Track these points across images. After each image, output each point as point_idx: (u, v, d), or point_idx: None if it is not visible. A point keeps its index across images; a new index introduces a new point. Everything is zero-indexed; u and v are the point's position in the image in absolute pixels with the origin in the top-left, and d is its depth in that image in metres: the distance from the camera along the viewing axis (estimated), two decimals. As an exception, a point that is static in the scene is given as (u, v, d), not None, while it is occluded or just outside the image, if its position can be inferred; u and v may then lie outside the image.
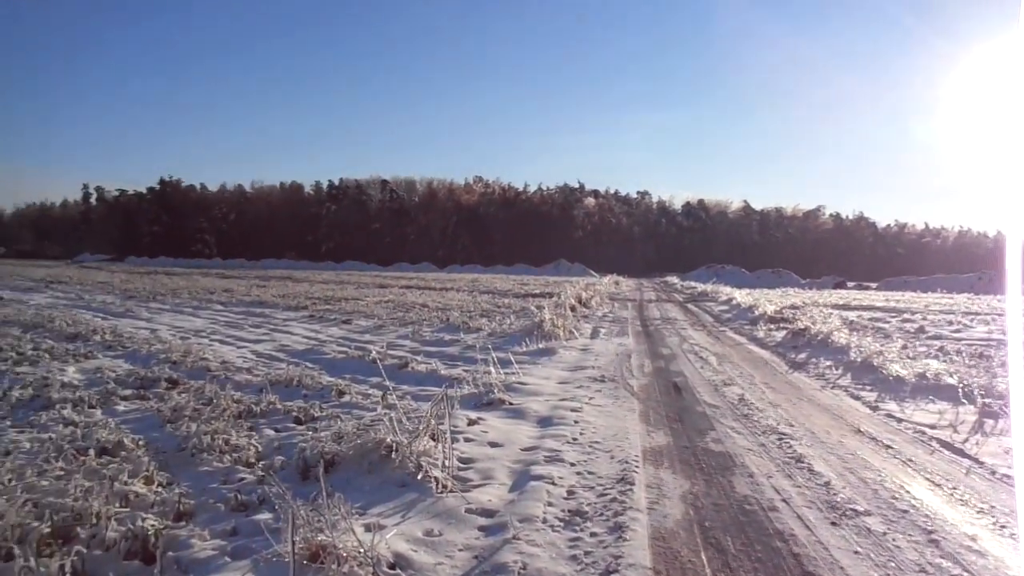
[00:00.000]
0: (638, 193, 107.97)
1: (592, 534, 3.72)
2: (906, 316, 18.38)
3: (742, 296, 23.84)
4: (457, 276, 55.07)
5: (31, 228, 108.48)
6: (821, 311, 17.21)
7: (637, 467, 4.91)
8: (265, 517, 3.78)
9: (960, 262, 76.83)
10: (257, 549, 3.38)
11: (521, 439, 5.61)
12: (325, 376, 8.16)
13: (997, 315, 19.48)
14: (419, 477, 4.34)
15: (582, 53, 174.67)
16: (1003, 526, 3.88)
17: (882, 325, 15.34)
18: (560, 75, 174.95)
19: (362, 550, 3.21)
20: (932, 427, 6.23)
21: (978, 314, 19.73)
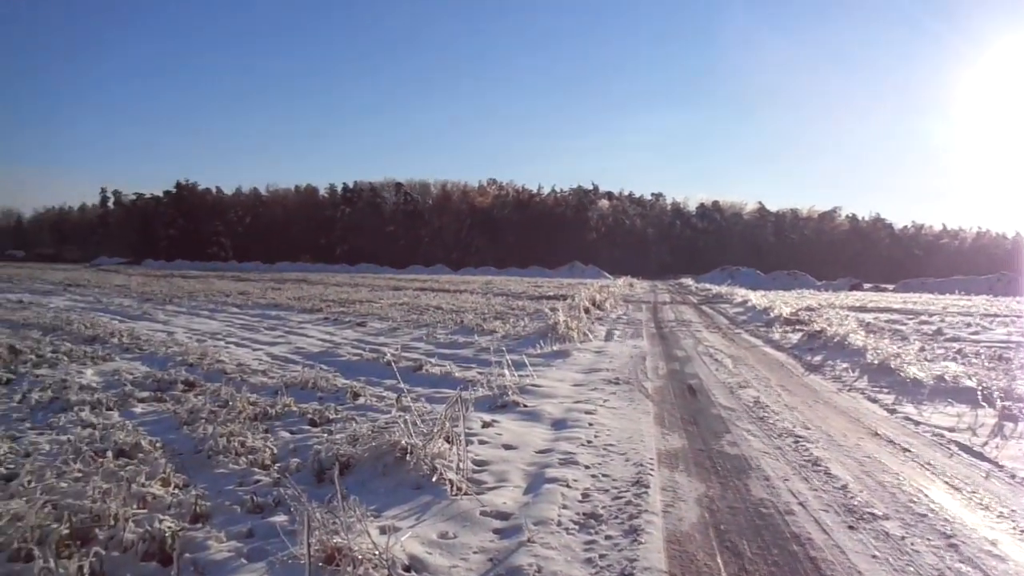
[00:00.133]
0: (652, 195, 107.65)
1: (607, 537, 3.71)
2: (924, 318, 18.22)
3: (757, 298, 23.71)
4: (471, 278, 55.08)
5: (50, 232, 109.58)
6: (837, 313, 17.09)
7: (652, 470, 4.88)
8: (281, 519, 3.79)
9: (978, 263, 75.97)
10: (273, 551, 3.40)
11: (535, 441, 5.60)
12: (340, 378, 8.19)
13: (1016, 317, 19.32)
14: (434, 479, 4.34)
15: (596, 55, 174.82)
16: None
17: (899, 327, 15.20)
18: (574, 77, 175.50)
19: (377, 552, 3.21)
20: (951, 430, 6.16)
21: (997, 316, 19.55)
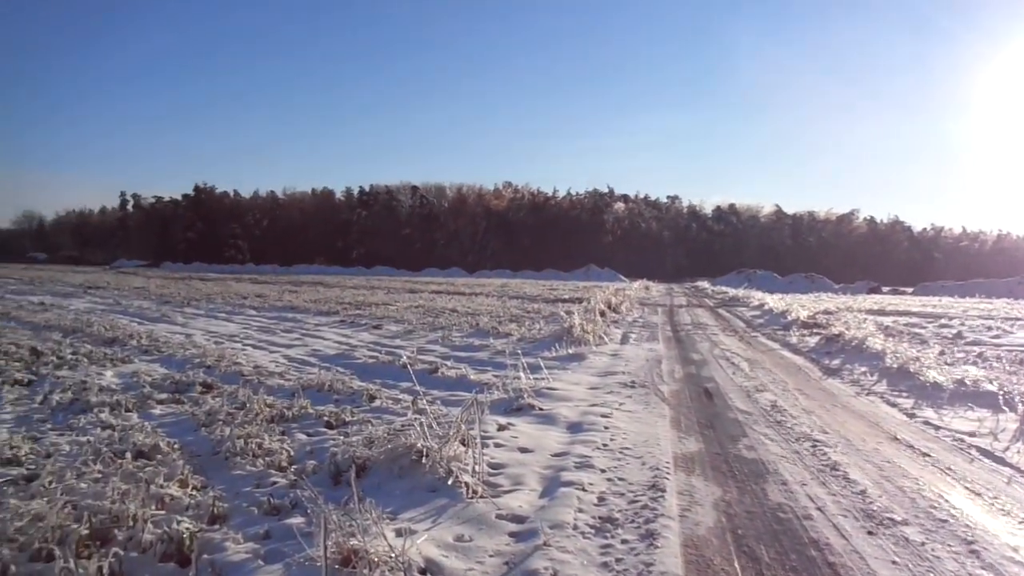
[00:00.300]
0: (668, 197, 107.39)
1: (623, 541, 3.69)
2: (943, 321, 18.01)
3: (774, 301, 23.55)
4: (486, 281, 55.11)
5: (71, 235, 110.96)
6: (855, 316, 16.92)
7: (668, 474, 4.86)
8: (297, 521, 3.80)
9: (999, 266, 75.00)
10: (290, 553, 3.40)
11: (551, 445, 5.59)
12: (356, 381, 8.22)
13: (1039, 320, 19.03)
14: (449, 482, 4.34)
15: (613, 57, 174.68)
16: (1048, 538, 3.77)
17: (918, 331, 15.04)
18: (590, 79, 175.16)
19: (393, 555, 3.22)
20: (971, 435, 6.08)
21: (1018, 319, 19.27)
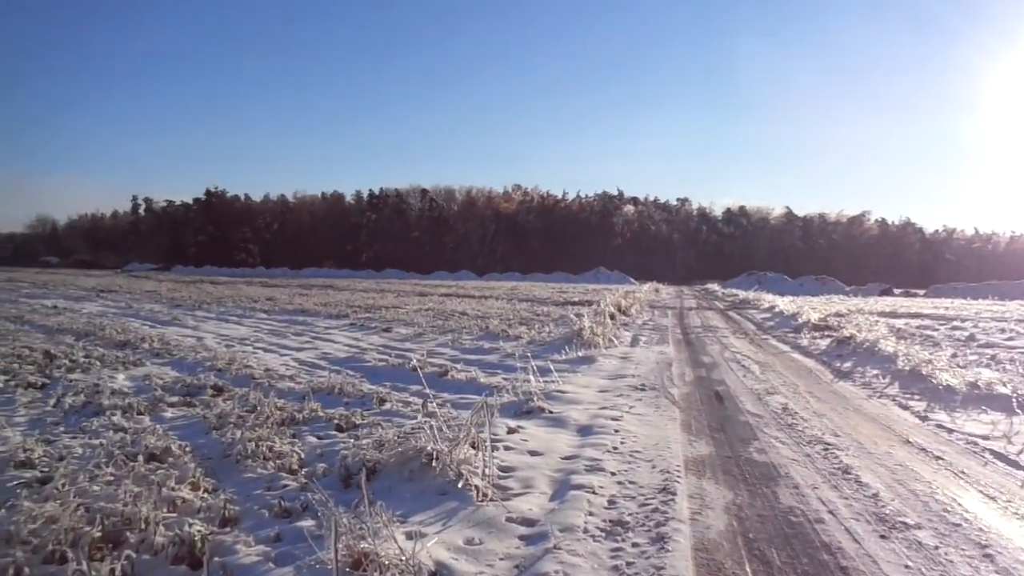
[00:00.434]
0: (678, 200, 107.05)
1: (634, 544, 3.68)
2: (956, 324, 17.83)
3: (785, 303, 23.46)
4: (496, 284, 55.04)
5: (83, 238, 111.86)
6: (867, 318, 16.82)
7: (679, 477, 4.84)
8: (308, 524, 3.82)
9: (1012, 268, 74.29)
10: (300, 556, 3.42)
11: (561, 448, 5.58)
12: (366, 384, 8.23)
13: (1053, 323, 18.85)
14: (459, 485, 4.34)
15: (622, 61, 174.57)
16: (1064, 542, 3.73)
17: (930, 333, 14.90)
18: (599, 81, 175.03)
19: (404, 558, 3.22)
20: (985, 438, 6.02)
21: (1032, 321, 19.10)
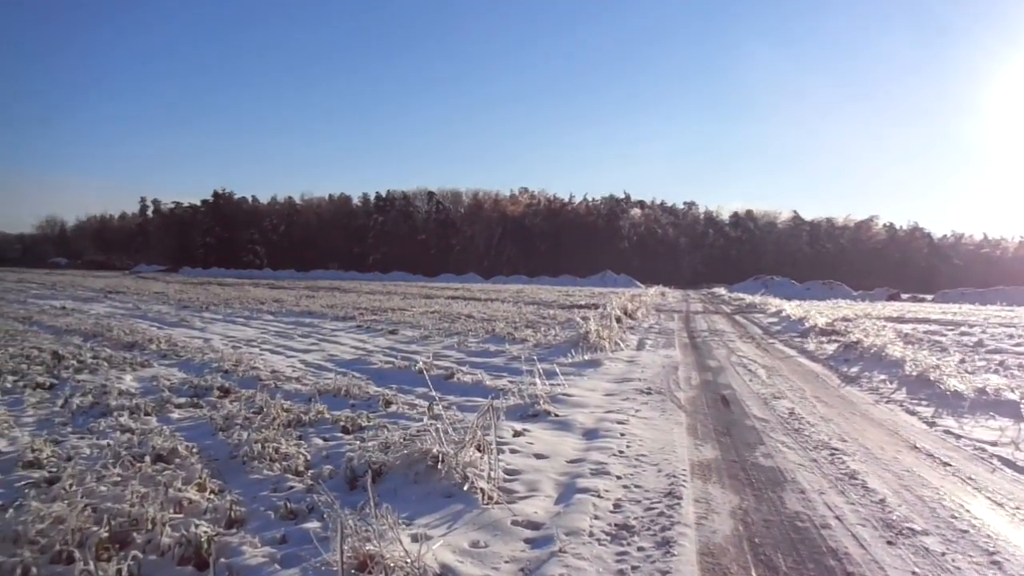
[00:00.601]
0: (685, 203, 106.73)
1: (639, 548, 3.67)
2: (964, 329, 17.74)
3: (792, 308, 23.36)
4: (502, 287, 55.12)
5: (91, 240, 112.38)
6: (874, 323, 16.76)
7: (685, 481, 4.82)
8: (314, 525, 3.83)
9: (1021, 273, 73.70)
10: (306, 557, 3.42)
11: (567, 451, 5.58)
12: (372, 386, 8.25)
13: (1063, 328, 18.74)
14: (465, 488, 4.34)
15: (628, 65, 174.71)
16: (1073, 550, 3.71)
17: (938, 338, 14.84)
18: (605, 87, 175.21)
19: (409, 560, 3.22)
20: (993, 444, 5.99)
21: (1042, 327, 18.99)
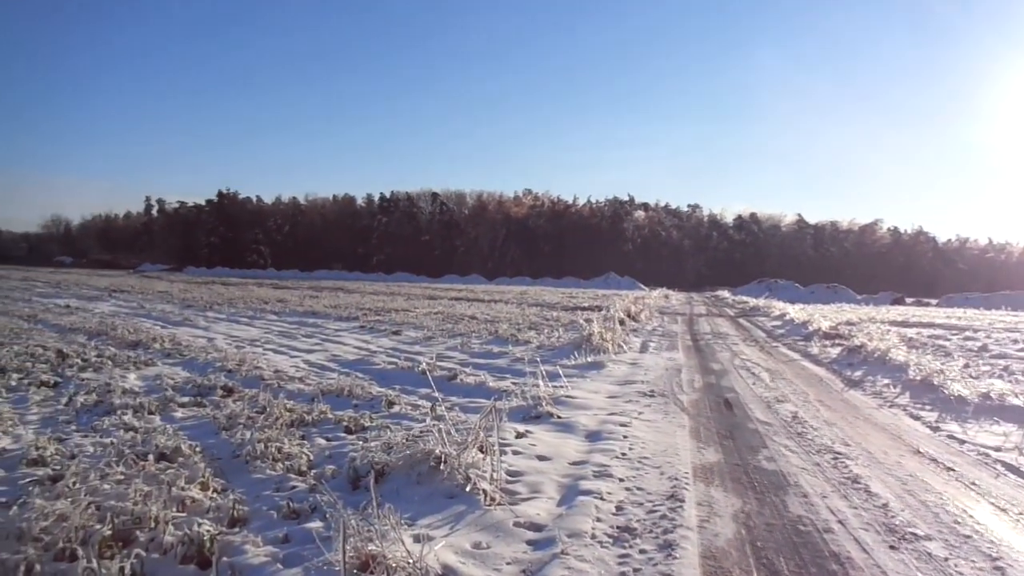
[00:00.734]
0: (689, 206, 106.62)
1: (641, 551, 3.67)
2: (968, 334, 17.69)
3: (795, 311, 23.31)
4: (506, 288, 55.14)
5: (96, 239, 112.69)
6: (878, 327, 16.72)
7: (687, 484, 4.83)
8: (316, 525, 3.83)
9: (1027, 278, 73.78)
10: (308, 557, 3.42)
11: (569, 453, 5.58)
12: (375, 386, 8.26)
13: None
14: (467, 489, 4.34)
15: (633, 67, 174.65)
16: (1077, 556, 3.69)
17: (942, 343, 14.80)
18: (609, 89, 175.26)
19: (411, 561, 3.22)
20: (997, 449, 5.98)
21: (1046, 332, 18.93)
